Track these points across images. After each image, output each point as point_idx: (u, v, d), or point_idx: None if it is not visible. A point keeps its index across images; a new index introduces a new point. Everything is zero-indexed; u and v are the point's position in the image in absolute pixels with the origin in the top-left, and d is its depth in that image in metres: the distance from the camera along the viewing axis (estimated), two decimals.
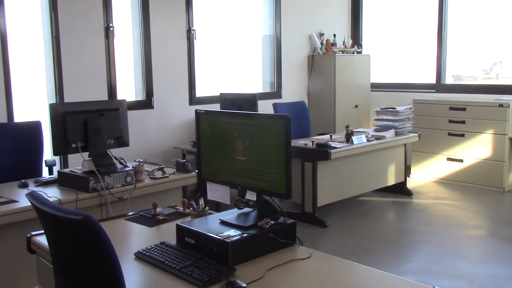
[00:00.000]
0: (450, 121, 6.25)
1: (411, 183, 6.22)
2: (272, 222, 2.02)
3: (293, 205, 4.97)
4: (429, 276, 3.72)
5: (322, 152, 4.72)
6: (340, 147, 4.84)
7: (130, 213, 2.58)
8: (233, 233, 1.93)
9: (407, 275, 3.68)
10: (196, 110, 2.32)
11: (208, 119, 2.27)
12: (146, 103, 5.56)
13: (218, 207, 4.11)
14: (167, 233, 2.25)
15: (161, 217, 2.43)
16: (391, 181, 5.68)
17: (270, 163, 2.02)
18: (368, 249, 4.28)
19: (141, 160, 3.52)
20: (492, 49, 7.32)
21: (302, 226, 4.54)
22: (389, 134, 5.44)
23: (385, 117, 5.63)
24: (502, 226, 4.86)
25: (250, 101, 5.30)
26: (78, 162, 3.31)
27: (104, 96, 5.16)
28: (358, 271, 1.90)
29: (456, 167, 6.25)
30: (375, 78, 7.43)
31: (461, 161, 6.20)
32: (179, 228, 2.07)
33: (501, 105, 5.84)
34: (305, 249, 2.01)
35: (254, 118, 2.10)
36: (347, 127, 5.21)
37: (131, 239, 2.31)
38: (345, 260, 1.95)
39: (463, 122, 6.14)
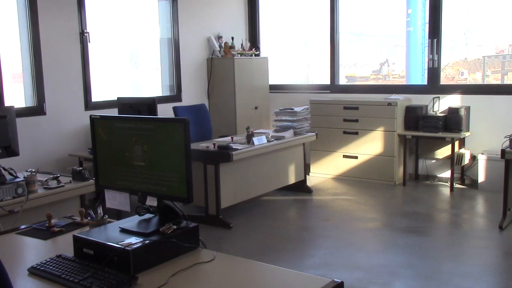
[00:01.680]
0: (345, 120, 6.55)
1: (310, 181, 6.44)
2: (175, 226, 1.99)
3: (196, 208, 4.95)
4: (329, 269, 3.87)
5: (224, 154, 4.75)
6: (241, 149, 4.90)
7: (22, 227, 2.43)
8: (134, 241, 1.88)
9: (309, 269, 3.80)
10: (90, 116, 2.24)
11: (104, 125, 2.19)
12: (37, 109, 5.27)
13: (119, 215, 3.98)
14: (64, 245, 2.14)
15: (56, 229, 2.31)
16: (292, 179, 5.84)
17: (170, 167, 2.00)
18: (272, 247, 4.37)
19: (33, 170, 3.33)
20: (379, 51, 7.75)
21: (206, 228, 4.56)
22: (288, 134, 5.59)
23: (284, 118, 5.78)
24: (395, 217, 5.17)
25: (149, 105, 5.20)
26: None
27: None
28: (261, 270, 1.93)
29: (351, 163, 6.56)
30: (273, 80, 7.61)
31: (356, 157, 6.52)
32: (76, 239, 1.98)
33: (389, 104, 6.22)
34: (208, 252, 2.01)
35: (152, 122, 2.06)
36: (247, 128, 5.28)
37: (24, 254, 2.17)
38: (249, 260, 1.98)
39: (357, 120, 6.46)
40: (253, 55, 7.29)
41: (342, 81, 7.50)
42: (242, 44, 7.30)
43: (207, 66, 7.10)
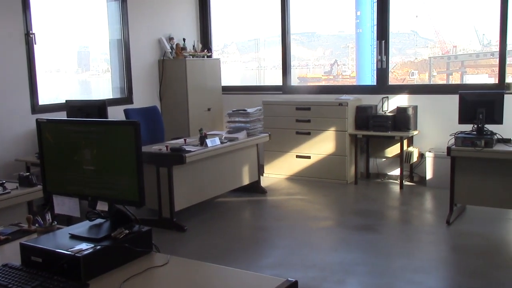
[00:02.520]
0: (297, 120, 6.61)
1: (264, 182, 6.47)
2: (127, 231, 1.96)
3: (150, 211, 4.88)
4: (284, 269, 3.90)
5: (177, 156, 4.70)
6: (194, 151, 4.86)
7: None
8: (84, 247, 1.84)
9: (265, 270, 3.82)
10: (37, 119, 2.17)
11: (51, 128, 2.13)
12: None
13: (69, 221, 3.88)
14: (10, 254, 2.07)
15: (2, 237, 2.23)
16: (246, 180, 5.85)
17: (121, 171, 1.96)
18: (227, 249, 4.36)
19: None
20: (330, 52, 7.86)
21: (160, 232, 4.50)
22: (242, 135, 5.59)
23: (237, 119, 5.78)
24: (348, 215, 5.26)
25: (99, 107, 5.09)
26: None
27: None
28: (216, 272, 1.92)
29: (304, 163, 6.64)
30: (226, 81, 7.60)
31: (309, 157, 6.59)
32: (23, 247, 1.91)
33: (340, 104, 6.32)
34: (162, 256, 1.98)
35: (102, 125, 2.02)
36: (200, 130, 5.25)
37: None
38: (203, 262, 1.96)
39: (309, 121, 6.53)
40: (205, 56, 7.26)
41: (294, 82, 7.57)
42: (194, 46, 7.25)
43: (159, 68, 7.02)
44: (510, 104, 5.41)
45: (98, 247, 1.85)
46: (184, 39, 7.11)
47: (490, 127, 4.64)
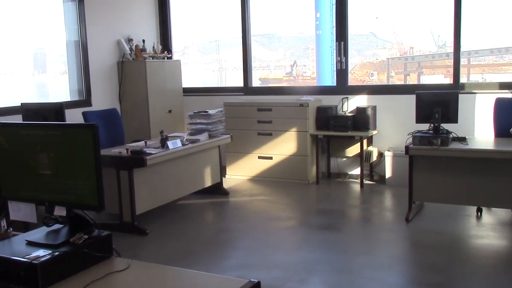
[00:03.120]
0: (259, 121, 6.63)
1: (227, 183, 6.46)
2: (86, 236, 1.92)
3: (110, 216, 4.80)
4: (247, 269, 3.90)
5: (138, 159, 4.65)
6: (155, 153, 4.81)
7: None
8: (42, 253, 1.79)
9: (227, 271, 3.81)
10: None
11: (6, 132, 2.07)
12: None
13: (26, 227, 3.77)
14: None
15: None
16: (208, 182, 5.83)
17: (79, 175, 1.92)
18: (189, 251, 4.33)
19: None
20: (291, 53, 7.92)
21: (121, 236, 4.43)
22: (203, 137, 5.57)
23: (198, 121, 5.75)
24: (310, 215, 5.31)
25: (56, 110, 4.97)
26: None
27: None
28: (178, 275, 1.90)
29: (266, 164, 6.66)
30: (187, 83, 7.56)
31: (271, 158, 6.62)
32: None
33: (301, 105, 6.38)
34: (123, 260, 1.96)
35: (58, 128, 1.98)
36: (161, 132, 5.20)
37: None
38: (165, 266, 1.95)
39: (270, 122, 6.56)
40: (166, 58, 7.19)
41: (256, 83, 7.60)
42: (153, 47, 7.18)
43: (118, 70, 6.91)
44: (465, 103, 5.59)
45: (56, 253, 1.80)
46: (143, 41, 7.03)
47: (446, 126, 4.76)
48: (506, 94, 5.66)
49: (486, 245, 4.32)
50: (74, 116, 5.68)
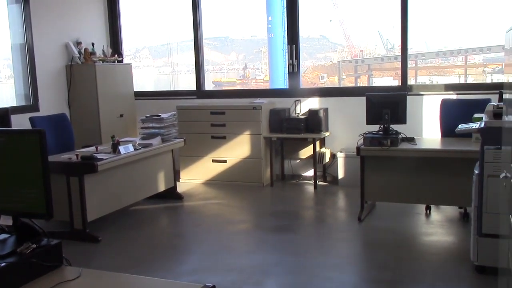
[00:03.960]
0: (212, 125, 6.61)
1: (181, 187, 6.40)
2: (34, 245, 1.86)
3: (61, 223, 4.67)
4: (203, 274, 3.87)
5: (88, 165, 4.54)
6: (107, 158, 4.72)
7: None
8: None
9: (183, 276, 3.77)
10: None
11: None
12: None
13: None
14: None
15: None
16: (162, 187, 5.76)
17: (26, 182, 1.86)
18: (143, 257, 4.26)
19: None
20: (243, 56, 7.95)
21: (72, 244, 4.31)
22: (156, 141, 5.50)
23: (150, 125, 5.68)
24: (264, 217, 5.33)
25: (1, 116, 4.80)
26: None
27: None
28: (131, 282, 1.87)
29: (220, 167, 6.64)
30: (139, 87, 7.45)
31: (225, 161, 6.61)
32: None
33: (254, 108, 6.40)
34: (73, 269, 1.90)
35: (3, 134, 1.91)
36: (112, 137, 5.10)
37: None
38: (118, 273, 1.91)
39: (224, 125, 6.55)
40: (116, 61, 7.07)
41: (209, 86, 7.57)
42: (103, 50, 7.04)
43: (66, 74, 6.74)
44: (413, 105, 5.75)
45: (3, 264, 1.74)
46: (93, 44, 6.88)
47: (395, 127, 4.89)
48: (451, 95, 5.86)
49: (435, 242, 4.46)
50: (20, 122, 5.50)
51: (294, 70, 6.70)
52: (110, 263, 4.16)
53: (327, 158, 6.46)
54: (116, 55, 7.13)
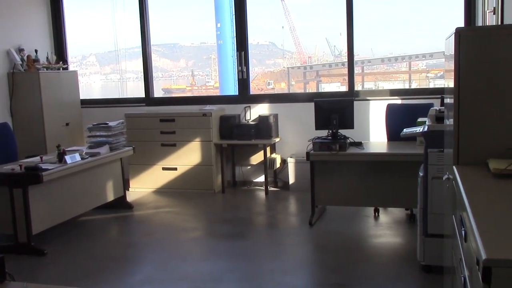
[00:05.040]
0: (162, 132, 6.54)
1: (131, 196, 6.29)
2: None
3: (4, 237, 4.50)
4: (155, 284, 3.82)
5: (32, 176, 4.40)
6: (52, 168, 4.59)
7: None
8: None
9: (135, 287, 3.70)
10: None
11: None
12: None
13: None
14: None
15: None
16: (111, 196, 5.65)
17: None
18: (93, 269, 4.15)
19: None
20: (193, 63, 7.93)
21: (16, 259, 4.18)
22: (104, 150, 5.39)
23: (98, 133, 5.56)
24: (216, 224, 5.31)
25: None
26: None
27: None
28: None
29: (171, 175, 6.57)
30: (85, 94, 7.29)
31: (175, 169, 6.55)
32: None
33: (204, 115, 6.38)
34: (17, 284, 1.84)
35: None
36: (58, 146, 4.96)
37: None
38: (65, 287, 1.86)
39: (174, 132, 6.49)
40: (61, 68, 6.88)
41: (159, 93, 7.49)
42: (47, 58, 6.85)
43: (8, 82, 6.50)
44: (360, 110, 5.88)
45: None
46: (36, 51, 6.68)
47: (343, 131, 4.99)
48: (397, 100, 6.04)
49: (384, 243, 4.56)
50: None
51: (243, 76, 6.73)
52: (57, 276, 4.03)
53: (277, 164, 6.51)
54: (61, 62, 6.95)
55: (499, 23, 3.99)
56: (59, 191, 4.82)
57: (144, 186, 6.68)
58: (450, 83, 2.58)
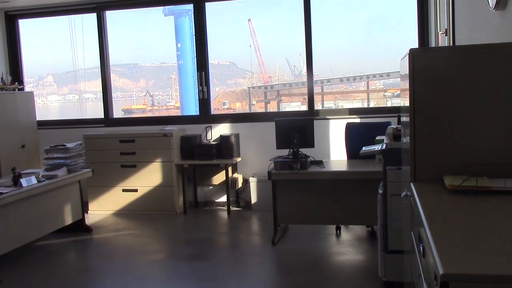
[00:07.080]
0: (122, 153, 6.44)
1: (90, 219, 6.14)
2: None
3: None
4: None
5: None
6: (7, 192, 4.44)
7: None
8: None
9: None
10: None
11: None
12: None
13: None
14: None
15: None
16: (69, 220, 5.50)
17: None
18: None
19: None
20: (153, 83, 7.88)
21: None
22: (62, 172, 5.27)
23: (55, 155, 5.44)
24: (178, 246, 5.23)
25: None
26: None
27: None
28: None
29: (131, 197, 6.46)
30: (42, 116, 7.12)
31: (136, 190, 6.44)
32: None
33: (165, 135, 6.32)
34: None
35: None
36: (13, 169, 4.82)
37: None
38: None
39: (134, 153, 6.40)
40: (16, 89, 6.72)
41: (118, 114, 7.39)
42: (2, 78, 6.68)
43: None
44: (320, 129, 5.95)
45: None
46: None
47: (304, 150, 5.02)
48: (355, 119, 6.14)
49: (346, 261, 4.59)
50: None
51: (204, 96, 6.72)
52: None
53: (239, 184, 6.49)
54: (17, 83, 6.79)
55: (451, 44, 4.13)
56: (14, 216, 4.66)
57: (103, 208, 6.54)
58: (406, 102, 2.64)
